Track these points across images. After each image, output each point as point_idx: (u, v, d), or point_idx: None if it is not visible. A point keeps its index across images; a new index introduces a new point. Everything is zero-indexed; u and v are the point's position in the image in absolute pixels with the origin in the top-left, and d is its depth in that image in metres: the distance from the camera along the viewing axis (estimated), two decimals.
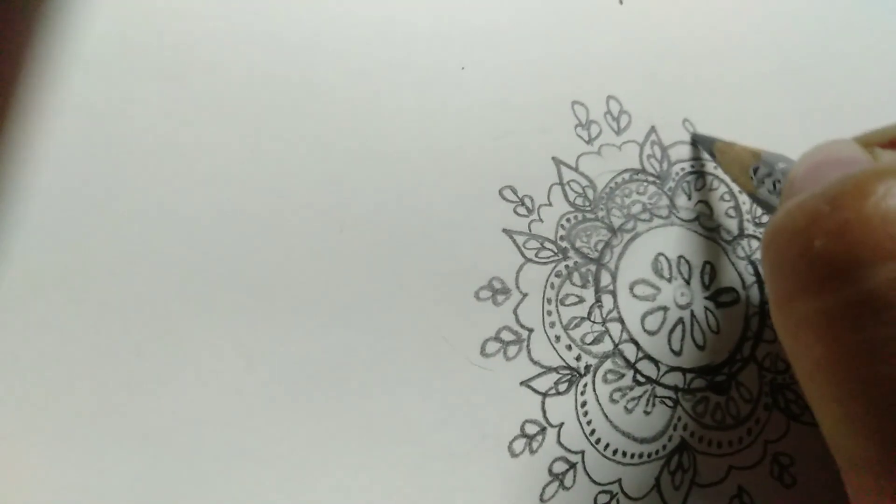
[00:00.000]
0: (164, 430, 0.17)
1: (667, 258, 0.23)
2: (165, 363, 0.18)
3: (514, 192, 0.22)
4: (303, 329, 0.19)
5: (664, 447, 0.21)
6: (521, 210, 0.22)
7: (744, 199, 0.24)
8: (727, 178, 0.24)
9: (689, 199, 0.24)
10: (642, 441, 0.21)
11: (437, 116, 0.21)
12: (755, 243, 0.24)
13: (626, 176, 0.23)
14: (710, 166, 0.24)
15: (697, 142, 0.24)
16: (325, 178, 0.20)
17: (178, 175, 0.19)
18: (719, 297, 0.23)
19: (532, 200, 0.22)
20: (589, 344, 0.21)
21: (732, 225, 0.24)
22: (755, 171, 0.20)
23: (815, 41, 0.27)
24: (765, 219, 0.24)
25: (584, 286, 0.22)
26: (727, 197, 0.24)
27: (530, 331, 0.21)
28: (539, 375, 0.21)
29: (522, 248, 0.21)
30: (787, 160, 0.19)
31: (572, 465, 0.20)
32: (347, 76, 0.21)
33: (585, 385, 0.21)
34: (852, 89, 0.27)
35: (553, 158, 0.22)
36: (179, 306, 0.18)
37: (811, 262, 0.13)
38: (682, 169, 0.24)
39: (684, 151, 0.24)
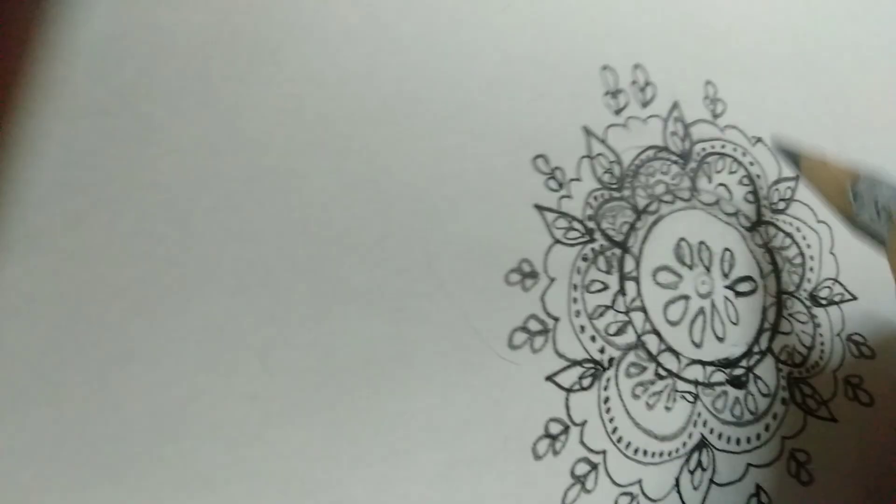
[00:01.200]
0: (171, 439, 0.14)
1: (688, 244, 0.21)
2: (171, 364, 0.14)
3: (547, 162, 0.19)
4: (323, 322, 0.16)
5: (684, 444, 0.20)
6: (552, 184, 0.19)
7: (761, 183, 0.23)
8: (745, 161, 0.23)
9: (710, 181, 0.22)
10: (663, 439, 0.20)
11: (472, 65, 0.19)
12: (772, 230, 0.23)
13: (651, 153, 0.21)
14: (730, 148, 0.23)
15: (779, 154, 0.22)
16: (344, 141, 0.17)
17: (183, 162, 0.15)
18: (738, 285, 0.22)
19: (563, 173, 0.19)
20: (612, 335, 0.20)
21: (751, 210, 0.23)
22: (854, 194, 0.18)
23: (837, 25, 0.26)
24: (781, 206, 0.23)
25: (608, 272, 0.20)
26: (745, 181, 0.23)
27: (556, 320, 0.19)
28: (564, 370, 0.19)
29: (552, 228, 0.19)
30: (889, 184, 0.18)
31: (594, 467, 0.19)
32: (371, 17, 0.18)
33: (608, 380, 0.19)
34: (875, 69, 0.26)
35: (583, 128, 0.20)
36: (185, 300, 0.14)
37: None
38: (703, 149, 0.23)
39: (705, 130, 0.23)
